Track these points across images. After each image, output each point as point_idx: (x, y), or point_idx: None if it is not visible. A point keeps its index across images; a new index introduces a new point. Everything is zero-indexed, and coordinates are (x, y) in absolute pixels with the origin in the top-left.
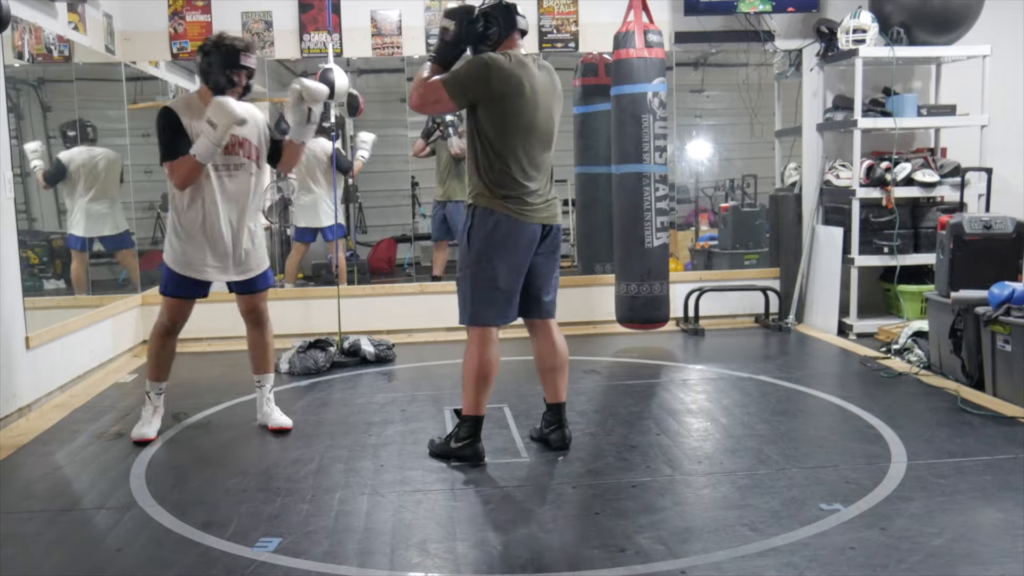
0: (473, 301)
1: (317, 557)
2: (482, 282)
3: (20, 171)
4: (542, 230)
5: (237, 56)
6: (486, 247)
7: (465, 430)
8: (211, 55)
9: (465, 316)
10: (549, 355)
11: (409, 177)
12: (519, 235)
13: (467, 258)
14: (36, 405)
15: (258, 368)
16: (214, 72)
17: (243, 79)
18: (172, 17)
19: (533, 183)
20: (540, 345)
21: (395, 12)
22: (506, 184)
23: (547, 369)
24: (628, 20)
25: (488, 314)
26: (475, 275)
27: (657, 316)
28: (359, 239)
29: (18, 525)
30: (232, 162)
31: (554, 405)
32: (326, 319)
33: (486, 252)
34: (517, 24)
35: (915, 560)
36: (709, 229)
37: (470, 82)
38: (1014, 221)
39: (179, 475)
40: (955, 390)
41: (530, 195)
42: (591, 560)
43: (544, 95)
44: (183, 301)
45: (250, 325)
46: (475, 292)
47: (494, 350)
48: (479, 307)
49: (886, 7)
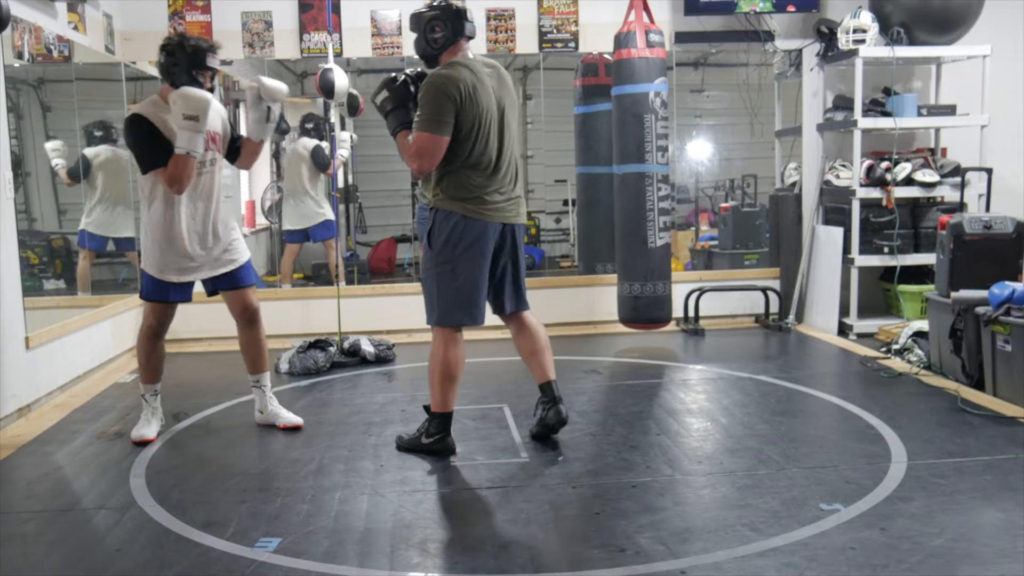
0: (440, 302)
1: (317, 557)
2: (446, 283)
3: (20, 171)
4: (503, 229)
5: (203, 57)
6: (448, 248)
7: (435, 426)
8: (175, 55)
9: (432, 317)
10: (529, 341)
11: (409, 177)
12: (479, 235)
13: (430, 260)
14: (36, 405)
15: (256, 367)
16: (178, 72)
17: (208, 80)
18: (172, 17)
19: (492, 183)
20: (519, 335)
21: (395, 12)
22: (464, 185)
23: (530, 354)
24: (629, 20)
25: (455, 315)
26: (439, 276)
27: (660, 316)
28: (359, 239)
29: (18, 525)
30: (207, 158)
31: (545, 384)
32: (326, 319)
33: (448, 253)
34: (465, 31)
35: (915, 560)
36: (709, 229)
37: (443, 110)
38: (1014, 221)
39: (179, 475)
40: (955, 390)
41: (489, 194)
42: (591, 560)
43: (495, 95)
44: (165, 305)
45: (243, 324)
46: (440, 293)
47: (459, 350)
48: (445, 308)
49: (886, 7)
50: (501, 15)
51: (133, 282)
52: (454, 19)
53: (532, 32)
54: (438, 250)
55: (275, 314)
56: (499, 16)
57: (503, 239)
